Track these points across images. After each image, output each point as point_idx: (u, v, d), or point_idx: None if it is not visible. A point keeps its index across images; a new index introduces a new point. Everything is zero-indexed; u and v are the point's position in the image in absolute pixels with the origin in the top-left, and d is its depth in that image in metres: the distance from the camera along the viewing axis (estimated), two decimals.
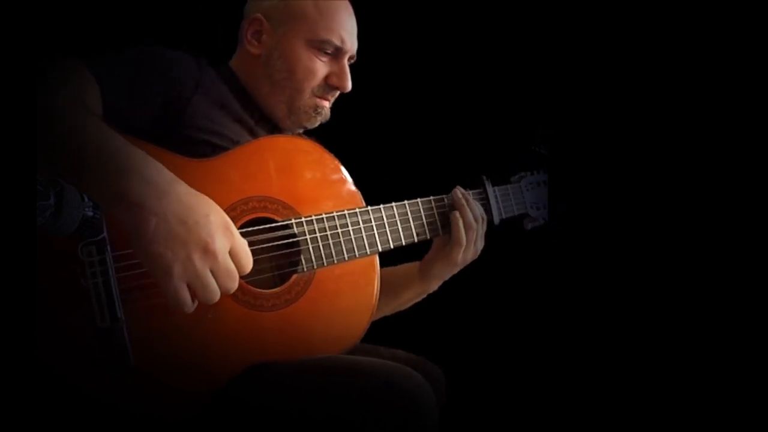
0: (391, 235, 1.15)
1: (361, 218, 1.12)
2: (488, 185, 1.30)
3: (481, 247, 1.25)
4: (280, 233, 1.04)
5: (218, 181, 1.01)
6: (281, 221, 1.05)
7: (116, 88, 1.01)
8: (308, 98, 1.23)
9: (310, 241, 1.06)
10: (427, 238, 1.22)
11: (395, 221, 1.16)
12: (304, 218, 1.06)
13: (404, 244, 1.18)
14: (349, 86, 1.25)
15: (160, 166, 0.85)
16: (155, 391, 0.92)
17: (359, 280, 1.11)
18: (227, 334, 0.98)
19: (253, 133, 1.21)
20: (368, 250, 1.11)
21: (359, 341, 1.11)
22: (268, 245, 1.03)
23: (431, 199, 1.23)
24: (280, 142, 1.15)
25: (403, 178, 1.71)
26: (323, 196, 1.11)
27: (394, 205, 1.17)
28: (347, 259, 1.09)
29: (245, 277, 0.95)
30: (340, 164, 1.14)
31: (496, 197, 1.30)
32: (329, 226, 1.08)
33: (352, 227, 1.10)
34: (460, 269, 1.27)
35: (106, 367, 0.84)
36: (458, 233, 1.21)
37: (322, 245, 1.07)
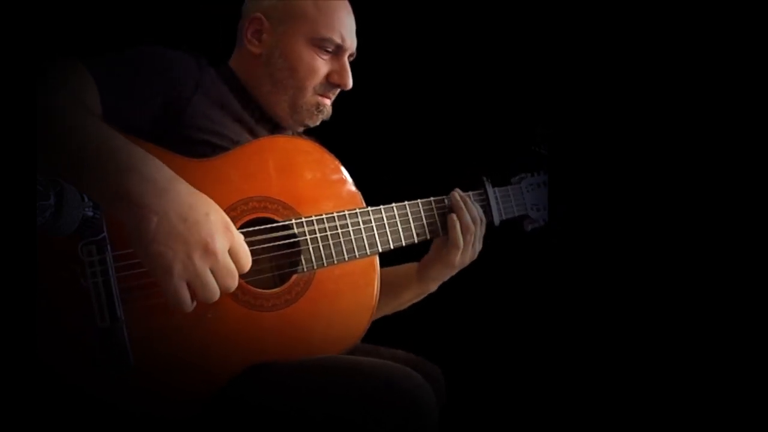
0: (391, 235, 1.15)
1: (361, 219, 1.12)
2: (488, 186, 1.30)
3: (479, 249, 1.25)
4: (280, 233, 1.04)
5: (218, 181, 1.01)
6: (281, 221, 1.05)
7: (116, 88, 1.01)
8: (310, 96, 1.24)
9: (310, 241, 1.06)
10: (427, 238, 1.22)
11: (395, 222, 1.16)
12: (304, 218, 1.06)
13: (404, 244, 1.18)
14: (350, 83, 1.25)
15: (160, 163, 0.85)
16: (155, 391, 0.92)
17: (359, 280, 1.11)
18: (227, 334, 0.98)
19: (253, 132, 1.21)
20: (368, 250, 1.12)
21: (359, 341, 1.11)
22: (268, 245, 1.03)
23: (431, 200, 1.23)
24: (280, 142, 1.15)
25: (403, 178, 1.71)
26: (323, 196, 1.11)
27: (394, 205, 1.17)
28: (347, 259, 1.09)
29: (245, 276, 0.95)
30: (340, 164, 1.14)
31: (496, 198, 1.30)
32: (329, 226, 1.08)
33: (352, 228, 1.10)
34: (457, 271, 1.27)
35: (106, 367, 0.84)
36: (455, 235, 1.21)
37: (322, 245, 1.07)
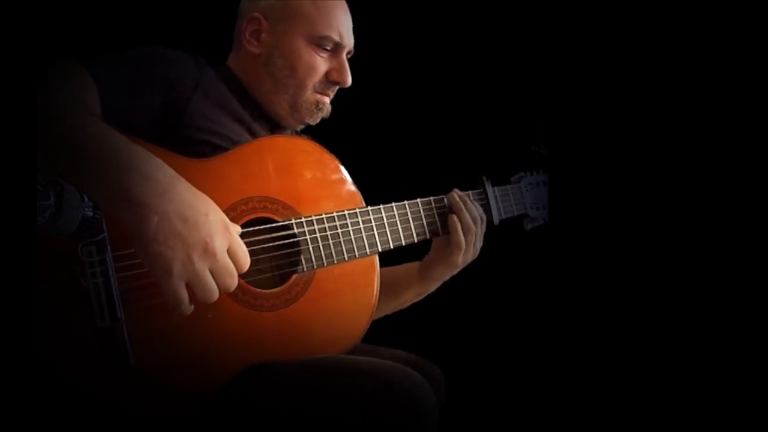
0: (391, 235, 1.15)
1: (361, 218, 1.12)
2: (488, 185, 1.30)
3: (480, 247, 1.25)
4: (280, 233, 1.04)
5: (218, 181, 1.01)
6: (281, 221, 1.05)
7: (116, 88, 1.01)
8: (310, 94, 1.24)
9: (310, 241, 1.06)
10: (426, 238, 1.22)
11: (395, 221, 1.16)
12: (304, 218, 1.06)
13: (404, 244, 1.18)
14: (349, 80, 1.26)
15: (160, 162, 0.85)
16: (155, 391, 0.92)
17: (359, 280, 1.11)
18: (227, 334, 0.98)
19: (253, 132, 1.21)
20: (368, 250, 1.12)
21: (359, 341, 1.11)
22: (268, 245, 1.03)
23: (431, 199, 1.23)
24: (280, 142, 1.16)
25: (402, 178, 1.71)
26: (323, 196, 1.11)
27: (394, 205, 1.17)
28: (347, 259, 1.09)
29: (245, 276, 0.95)
30: (340, 164, 1.14)
31: (495, 197, 1.31)
32: (329, 226, 1.08)
33: (352, 227, 1.10)
34: (459, 270, 1.27)
35: (106, 367, 0.84)
36: (457, 236, 1.21)
37: (322, 245, 1.07)
